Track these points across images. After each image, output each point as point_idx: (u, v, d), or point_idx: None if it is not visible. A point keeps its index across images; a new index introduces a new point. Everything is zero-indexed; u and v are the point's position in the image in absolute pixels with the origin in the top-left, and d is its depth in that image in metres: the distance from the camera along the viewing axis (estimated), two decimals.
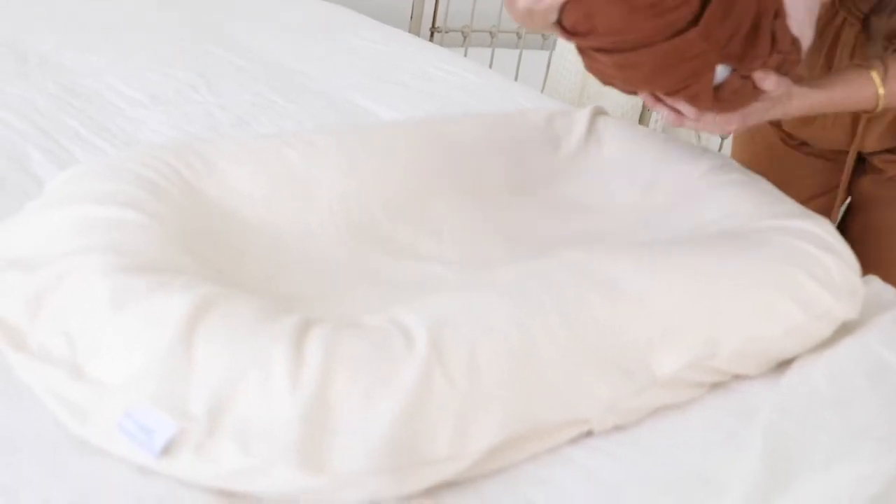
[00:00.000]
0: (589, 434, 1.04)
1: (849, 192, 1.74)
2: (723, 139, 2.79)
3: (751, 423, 1.08)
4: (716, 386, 1.16)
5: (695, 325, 1.11)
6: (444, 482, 0.95)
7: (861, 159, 1.70)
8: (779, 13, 1.17)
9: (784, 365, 1.20)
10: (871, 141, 1.63)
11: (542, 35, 3.19)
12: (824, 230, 1.29)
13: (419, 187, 1.40)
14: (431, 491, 0.93)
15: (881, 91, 1.36)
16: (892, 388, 1.13)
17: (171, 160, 1.23)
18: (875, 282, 1.41)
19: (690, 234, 1.35)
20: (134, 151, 1.26)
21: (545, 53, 3.33)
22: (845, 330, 1.24)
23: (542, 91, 3.05)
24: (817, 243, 1.26)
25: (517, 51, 3.25)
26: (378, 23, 2.64)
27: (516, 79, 3.08)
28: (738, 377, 1.18)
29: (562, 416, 1.01)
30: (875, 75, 1.36)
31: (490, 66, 3.13)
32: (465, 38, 3.23)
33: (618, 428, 1.06)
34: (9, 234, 1.12)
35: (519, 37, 3.27)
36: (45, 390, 0.95)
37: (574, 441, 1.04)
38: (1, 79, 1.82)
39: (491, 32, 3.26)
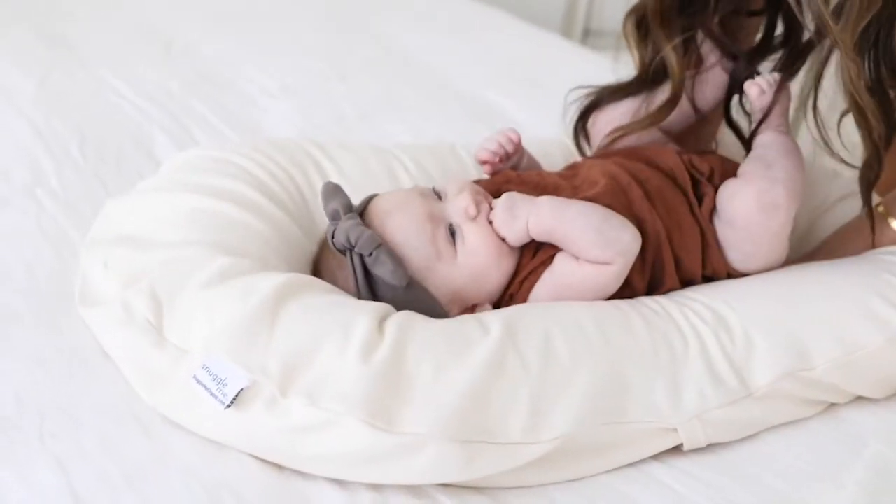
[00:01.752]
0: (679, 451, 0.99)
1: None
2: None
3: (857, 455, 1.00)
4: (828, 410, 1.09)
5: (784, 333, 1.05)
6: (517, 485, 0.93)
7: None
8: None
9: None
10: None
11: None
12: None
13: None
14: (498, 492, 0.92)
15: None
16: None
17: (286, 165, 1.24)
18: None
19: None
20: (253, 145, 1.26)
21: None
22: None
23: None
24: None
25: None
26: (525, 23, 2.60)
27: None
28: (860, 399, 1.10)
29: (643, 417, 0.96)
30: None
31: None
32: (618, 41, 3.15)
33: (710, 449, 1.00)
34: (124, 209, 1.15)
35: None
36: (124, 357, 0.98)
37: (661, 458, 0.99)
38: (143, 64, 1.88)
39: None
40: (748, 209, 1.13)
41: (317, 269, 1.11)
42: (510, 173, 1.18)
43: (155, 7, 2.26)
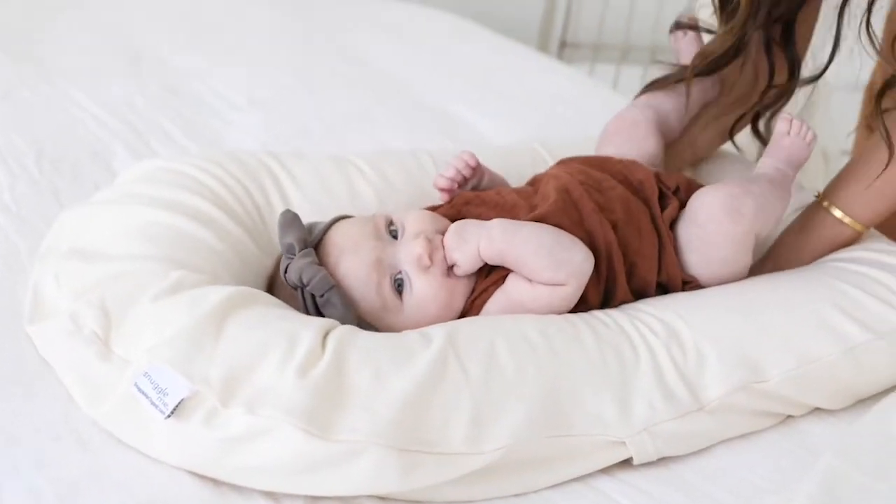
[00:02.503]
0: (629, 465, 0.98)
1: None
2: None
3: (810, 466, 0.98)
4: (785, 421, 1.08)
5: (737, 346, 1.04)
6: (458, 499, 0.92)
7: None
8: None
9: (872, 402, 1.10)
10: None
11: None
12: None
13: None
14: None
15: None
16: None
17: (243, 177, 1.22)
18: None
19: None
20: (209, 157, 1.25)
21: None
22: None
23: None
24: (881, 267, 1.16)
25: (653, 68, 3.15)
26: (499, 36, 2.59)
27: None
28: (819, 411, 1.09)
29: (590, 429, 0.95)
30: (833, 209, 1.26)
31: (616, 83, 3.05)
32: (595, 54, 3.16)
33: (661, 463, 0.99)
34: (77, 222, 1.14)
35: (652, 54, 3.18)
36: (68, 369, 0.97)
37: (610, 472, 0.98)
38: (109, 77, 1.86)
39: (621, 49, 3.18)
40: (712, 208, 1.13)
41: (272, 286, 1.11)
42: (469, 195, 1.18)
43: (127, 20, 2.24)
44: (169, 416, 0.87)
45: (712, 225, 1.13)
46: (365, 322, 1.04)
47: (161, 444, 0.90)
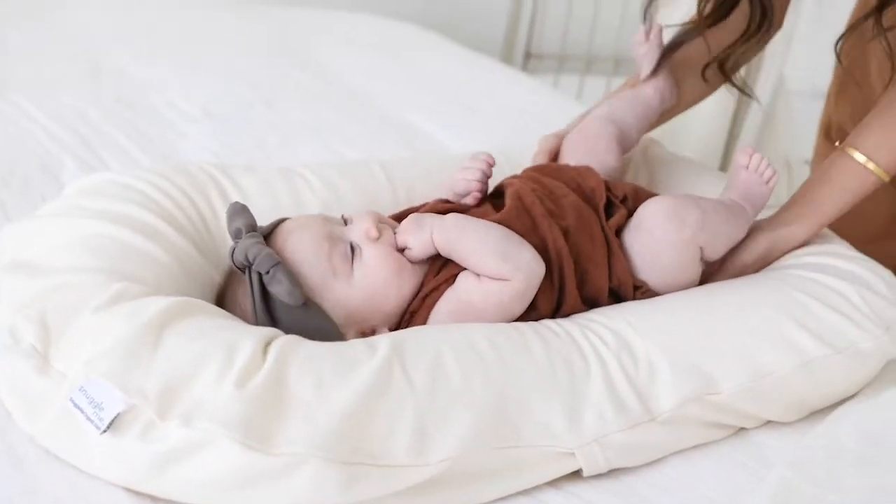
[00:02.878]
0: (578, 477, 0.97)
1: None
2: None
3: (762, 478, 0.98)
4: (738, 433, 1.07)
5: (690, 357, 1.03)
6: None
7: None
8: None
9: (824, 414, 1.09)
10: None
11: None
12: (862, 266, 1.18)
13: None
14: None
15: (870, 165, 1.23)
16: None
17: (189, 190, 1.21)
18: None
19: None
20: (156, 170, 1.23)
21: None
22: None
23: None
24: (840, 275, 1.15)
25: (618, 79, 3.16)
26: (464, 48, 2.59)
27: None
28: (770, 424, 1.08)
29: (539, 440, 0.94)
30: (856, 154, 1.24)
31: (580, 93, 3.06)
32: (559, 64, 3.16)
33: (612, 474, 0.98)
34: (20, 235, 1.12)
35: (616, 64, 3.19)
36: (4, 383, 0.95)
37: (558, 485, 0.97)
38: (64, 89, 1.85)
39: (585, 60, 3.19)
40: (657, 215, 1.13)
41: (223, 295, 1.09)
42: (437, 205, 1.17)
43: (90, 32, 2.23)
44: (105, 431, 0.85)
45: (657, 231, 1.12)
46: (312, 301, 1.03)
47: (97, 460, 0.88)
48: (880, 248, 1.27)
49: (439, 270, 1.08)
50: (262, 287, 1.01)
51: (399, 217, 1.15)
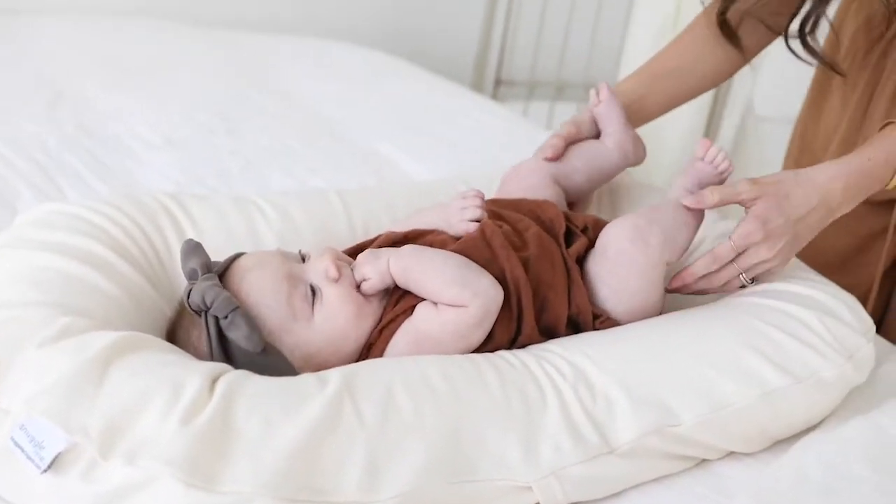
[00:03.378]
0: None
1: None
2: None
3: None
4: (700, 464, 1.05)
5: (649, 389, 1.01)
6: None
7: None
8: None
9: (788, 444, 1.07)
10: None
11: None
12: (824, 292, 1.17)
13: None
14: None
15: None
16: None
17: (141, 221, 1.18)
18: None
19: None
20: (107, 200, 1.21)
21: None
22: (865, 408, 1.11)
23: None
24: (802, 303, 1.14)
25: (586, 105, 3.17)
26: (433, 74, 2.59)
27: None
28: (733, 455, 1.06)
29: (495, 474, 0.92)
30: None
31: (550, 119, 3.06)
32: (529, 91, 3.16)
33: None
34: None
35: (586, 90, 3.19)
36: None
37: None
38: (24, 116, 1.82)
39: (555, 86, 3.19)
40: (619, 238, 1.12)
41: (173, 330, 1.07)
42: (395, 234, 1.16)
43: (53, 60, 2.20)
44: (45, 470, 0.83)
45: (622, 257, 1.11)
46: (271, 345, 1.01)
47: (39, 500, 0.85)
48: (841, 280, 1.25)
49: (397, 302, 1.06)
50: (218, 331, 0.99)
51: (353, 252, 1.13)
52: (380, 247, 1.13)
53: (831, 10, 1.32)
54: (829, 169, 1.19)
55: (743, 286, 1.17)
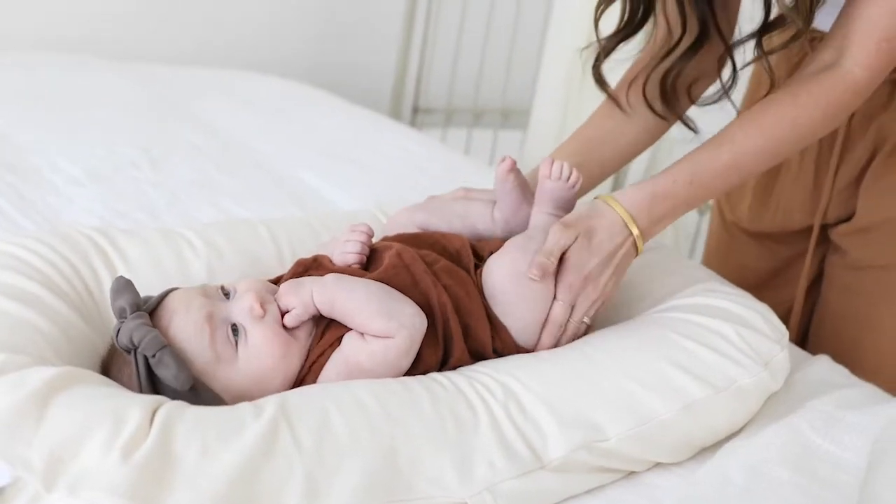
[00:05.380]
0: None
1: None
2: None
3: None
4: (628, 475, 1.08)
5: (576, 407, 1.04)
6: None
7: (824, 237, 1.59)
8: None
9: (711, 451, 1.11)
10: (835, 206, 1.52)
11: (523, 114, 3.15)
12: (738, 303, 1.22)
13: None
14: None
15: None
16: (816, 478, 1.05)
17: (70, 256, 1.18)
18: (824, 361, 1.33)
19: None
20: (35, 236, 1.20)
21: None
22: (783, 413, 1.16)
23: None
24: (717, 315, 1.18)
25: (505, 131, 3.22)
26: (351, 104, 2.61)
27: (492, 161, 3.04)
28: (660, 465, 1.10)
29: (430, 492, 0.94)
30: None
31: (468, 146, 3.10)
32: (447, 118, 3.21)
33: None
34: None
35: (503, 116, 3.25)
36: None
37: None
38: None
39: (472, 113, 3.24)
40: (501, 279, 1.14)
41: (107, 367, 1.07)
42: (306, 260, 1.17)
43: None
44: None
45: (508, 296, 1.13)
46: (201, 383, 1.01)
47: None
48: (762, 299, 1.30)
49: (323, 333, 1.08)
50: (148, 369, 0.99)
51: (277, 282, 1.13)
52: (294, 275, 1.14)
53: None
54: (634, 194, 1.21)
55: (588, 327, 1.20)
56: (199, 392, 1.01)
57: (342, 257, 1.16)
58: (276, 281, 1.15)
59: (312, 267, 1.15)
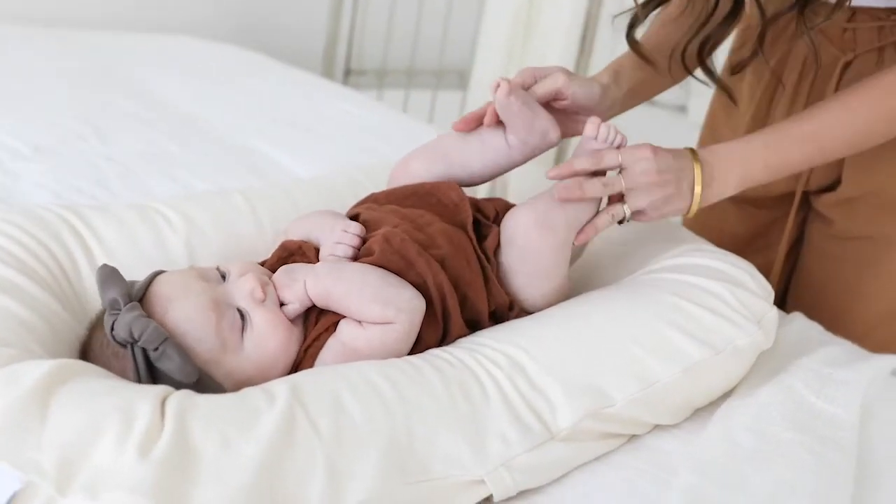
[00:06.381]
0: (489, 502, 0.96)
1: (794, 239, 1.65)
2: None
3: (668, 486, 0.99)
4: (631, 440, 1.08)
5: (580, 374, 1.04)
6: None
7: (804, 203, 1.59)
8: None
9: (707, 412, 1.12)
10: (818, 174, 1.52)
11: (460, 75, 3.13)
12: (726, 262, 1.23)
13: None
14: None
15: None
16: (818, 437, 1.06)
17: (43, 237, 1.13)
18: (800, 319, 1.34)
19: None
20: (8, 218, 1.14)
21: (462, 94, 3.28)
22: (773, 371, 1.17)
23: None
24: (711, 275, 1.19)
25: (442, 92, 3.19)
26: (287, 66, 2.56)
27: (431, 120, 3.02)
28: (659, 427, 1.10)
29: (448, 471, 0.92)
30: None
31: (405, 108, 3.07)
32: (380, 79, 3.16)
33: (522, 496, 0.97)
34: None
35: (438, 77, 3.21)
36: None
37: None
38: None
39: (407, 73, 3.20)
40: (525, 226, 1.13)
41: (85, 354, 1.02)
42: (292, 246, 1.14)
43: None
44: None
45: (530, 244, 1.12)
46: (203, 375, 0.98)
47: None
48: None
49: (318, 318, 1.05)
50: (147, 362, 0.96)
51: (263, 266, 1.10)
52: (279, 260, 1.11)
53: None
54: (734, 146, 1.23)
55: (621, 221, 1.18)
56: (201, 384, 0.97)
57: (330, 257, 1.12)
58: (262, 265, 1.12)
59: (298, 253, 1.12)
